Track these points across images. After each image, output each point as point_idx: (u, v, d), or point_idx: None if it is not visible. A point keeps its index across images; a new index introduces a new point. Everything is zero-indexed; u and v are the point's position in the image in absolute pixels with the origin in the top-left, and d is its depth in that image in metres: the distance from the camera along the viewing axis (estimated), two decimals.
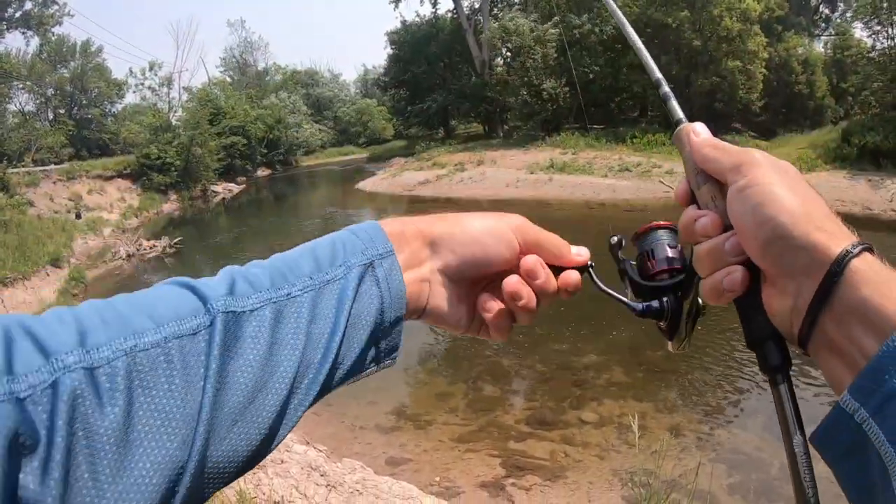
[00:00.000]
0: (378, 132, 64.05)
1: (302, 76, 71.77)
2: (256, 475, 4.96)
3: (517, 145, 35.11)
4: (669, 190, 25.49)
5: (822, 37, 49.36)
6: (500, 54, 41.37)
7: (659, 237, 0.85)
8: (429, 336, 11.66)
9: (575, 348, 10.40)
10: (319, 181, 45.51)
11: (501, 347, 10.82)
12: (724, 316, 11.65)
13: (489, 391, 9.07)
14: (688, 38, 32.14)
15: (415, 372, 10.02)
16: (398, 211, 28.73)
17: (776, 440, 7.32)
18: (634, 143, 31.78)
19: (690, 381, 9.15)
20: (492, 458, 7.09)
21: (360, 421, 8.04)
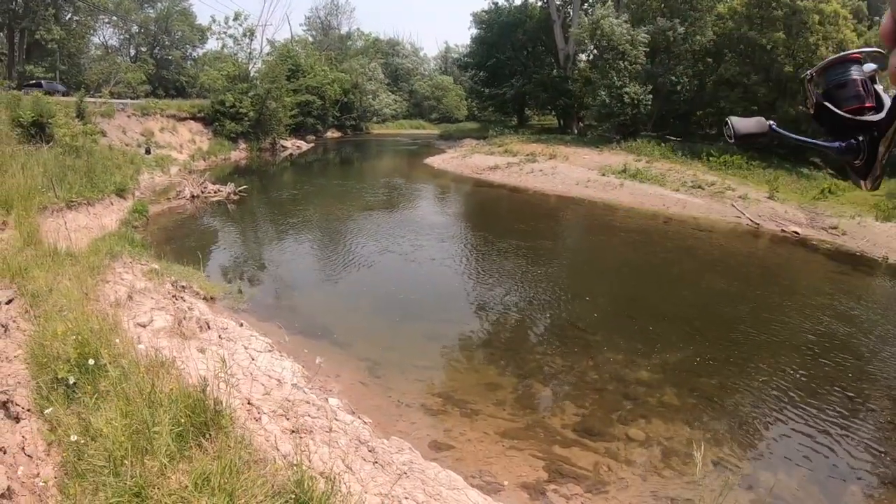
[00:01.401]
0: (451, 111, 63.97)
1: (383, 45, 71.96)
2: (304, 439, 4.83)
3: (591, 144, 34.58)
4: (741, 216, 24.77)
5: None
6: (587, 50, 40.71)
7: (850, 72, 0.83)
8: (484, 324, 11.48)
9: (629, 361, 10.03)
10: (388, 150, 45.60)
11: (556, 347, 10.54)
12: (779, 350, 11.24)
13: (538, 389, 8.77)
14: (780, 63, 31.07)
15: (466, 357, 9.76)
16: (463, 192, 28.61)
17: (818, 492, 6.91)
18: (710, 161, 31.03)
19: (738, 415, 8.75)
20: (535, 460, 6.81)
21: (406, 398, 7.83)
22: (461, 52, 63.07)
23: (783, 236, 23.24)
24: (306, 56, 49.08)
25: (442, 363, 9.36)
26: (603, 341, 10.83)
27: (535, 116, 53.85)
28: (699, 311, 13.42)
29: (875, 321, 14.02)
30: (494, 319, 11.70)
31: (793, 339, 12.13)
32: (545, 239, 19.18)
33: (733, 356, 10.83)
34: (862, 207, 25.36)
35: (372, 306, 11.67)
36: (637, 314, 12.59)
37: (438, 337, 10.29)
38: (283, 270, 13.94)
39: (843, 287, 17.45)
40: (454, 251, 16.63)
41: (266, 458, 4.10)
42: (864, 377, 10.74)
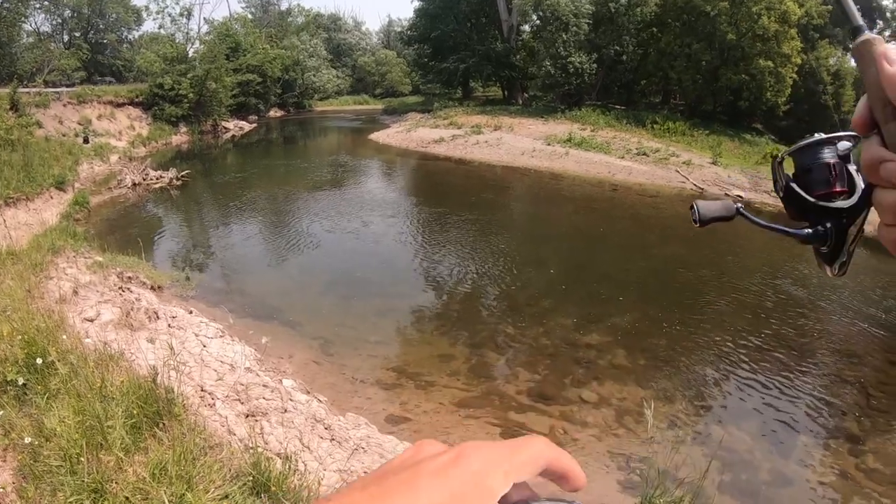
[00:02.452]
0: (395, 85, 63.53)
1: (325, 20, 70.81)
2: (259, 423, 4.87)
3: (536, 114, 34.72)
4: (685, 181, 25.31)
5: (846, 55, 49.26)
6: (530, 21, 40.73)
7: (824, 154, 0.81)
8: (434, 297, 11.57)
9: (580, 326, 10.27)
10: (332, 127, 45.06)
11: (507, 315, 10.70)
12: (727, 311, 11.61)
13: (492, 358, 8.90)
14: (723, 31, 31.61)
15: (418, 331, 9.84)
16: (409, 166, 28.57)
17: (768, 444, 7.23)
18: (655, 128, 31.56)
19: (688, 374, 9.07)
20: (492, 427, 6.95)
21: (360, 374, 7.87)
22: (404, 26, 62.40)
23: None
24: (246, 34, 47.98)
25: (395, 338, 9.43)
26: (553, 308, 11.04)
27: (479, 88, 53.79)
28: (648, 275, 13.76)
29: (819, 278, 14.59)
30: (445, 292, 11.80)
31: (740, 299, 12.56)
32: (493, 210, 19.33)
33: (682, 317, 11.15)
34: None
35: (322, 285, 11.65)
36: (587, 280, 12.85)
37: (390, 312, 10.33)
38: (230, 254, 13.76)
39: (788, 247, 18.05)
40: (402, 226, 16.65)
41: (222, 442, 4.13)
42: (809, 333, 11.21)
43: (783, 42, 31.74)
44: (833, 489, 6.58)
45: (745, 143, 32.40)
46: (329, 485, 4.26)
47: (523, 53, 40.66)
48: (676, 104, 38.83)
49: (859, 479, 6.73)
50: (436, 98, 45.24)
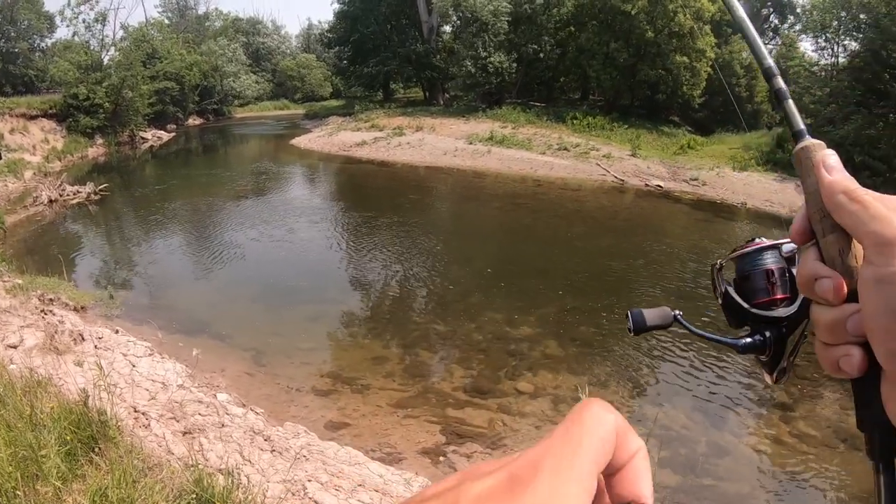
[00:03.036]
0: (316, 89, 62.83)
1: (243, 24, 69.22)
2: (197, 439, 4.83)
3: (457, 114, 34.91)
4: (606, 173, 25.99)
5: (768, 45, 51.04)
6: (450, 22, 40.91)
7: (764, 260, 0.79)
8: (364, 300, 11.59)
9: (510, 319, 10.49)
10: (253, 134, 44.21)
11: (438, 313, 10.82)
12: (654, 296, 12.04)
13: (425, 357, 9.04)
14: (641, 29, 32.55)
15: (350, 335, 9.85)
16: (332, 170, 28.38)
17: (703, 418, 7.60)
18: (575, 124, 32.23)
19: (620, 358, 9.39)
20: (431, 425, 7.06)
21: (295, 383, 7.85)
22: (324, 29, 61.68)
23: (647, 190, 24.63)
24: (163, 40, 46.53)
25: (327, 343, 9.43)
26: (483, 303, 11.24)
27: (400, 90, 53.65)
28: (574, 266, 14.11)
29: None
30: (375, 295, 11.88)
31: (665, 282, 13.06)
32: (418, 211, 19.46)
33: (610, 303, 11.52)
34: (720, 160, 27.26)
35: (250, 295, 11.49)
36: (514, 274, 13.11)
37: (321, 318, 10.31)
38: (154, 270, 13.37)
39: (708, 232, 18.83)
40: (328, 231, 16.57)
41: (161, 462, 4.08)
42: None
43: (698, 38, 32.97)
44: (768, 455, 6.96)
45: (663, 134, 33.44)
46: (274, 496, 4.28)
47: (444, 54, 40.86)
48: (595, 100, 39.71)
49: (792, 444, 7.14)
50: (357, 101, 44.86)
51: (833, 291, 0.59)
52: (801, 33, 37.23)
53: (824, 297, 0.60)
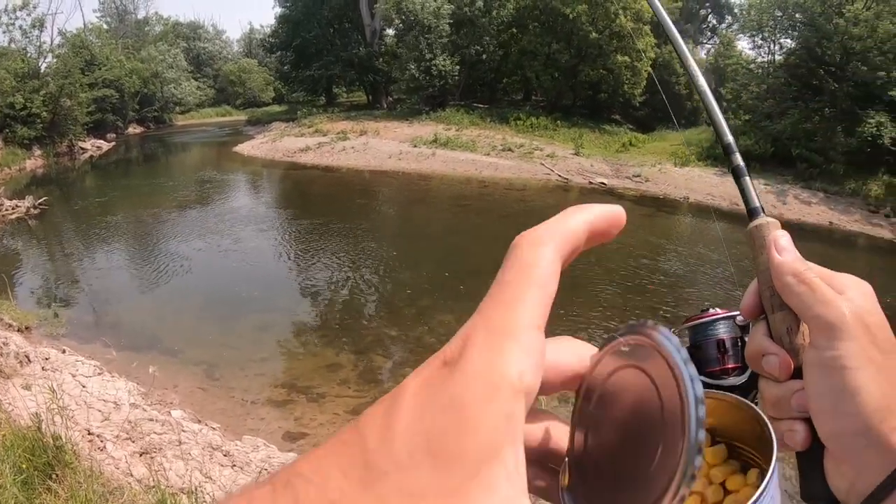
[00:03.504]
0: (258, 94, 61.90)
1: (184, 29, 67.50)
2: (156, 459, 4.78)
3: (401, 118, 34.86)
4: (550, 172, 26.36)
5: (706, 44, 52.91)
6: (393, 25, 40.81)
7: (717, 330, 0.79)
8: (316, 307, 11.51)
9: (460, 320, 10.15)
10: (195, 142, 43.25)
11: (390, 318, 10.85)
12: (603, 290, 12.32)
13: (379, 362, 9.06)
14: (584, 31, 33.10)
15: (303, 343, 9.80)
16: (276, 177, 28.03)
17: None
18: (518, 124, 32.60)
19: None
20: None
21: (250, 395, 7.76)
22: (266, 33, 60.74)
23: (591, 188, 25.10)
24: (101, 46, 45.21)
25: (280, 353, 9.34)
26: (434, 305, 11.34)
27: (344, 94, 53.26)
28: None
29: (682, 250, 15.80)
30: (325, 301, 11.82)
31: (610, 275, 13.35)
32: (364, 215, 19.38)
33: (558, 299, 11.62)
34: (662, 156, 27.91)
35: (199, 307, 11.29)
36: (463, 275, 13.16)
37: (272, 327, 10.19)
38: (99, 285, 12.95)
39: (653, 226, 19.32)
40: (276, 239, 16.42)
41: (122, 486, 4.04)
42: (679, 300, 12.18)
43: (638, 38, 33.63)
44: None
45: (606, 133, 34.07)
46: None
47: (387, 57, 40.75)
48: (538, 100, 40.17)
49: None
50: (300, 106, 44.08)
51: (779, 368, 0.61)
52: (739, 32, 38.38)
53: (770, 373, 0.62)
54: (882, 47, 25.90)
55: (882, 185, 25.37)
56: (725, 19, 53.84)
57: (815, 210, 24.00)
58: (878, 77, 26.07)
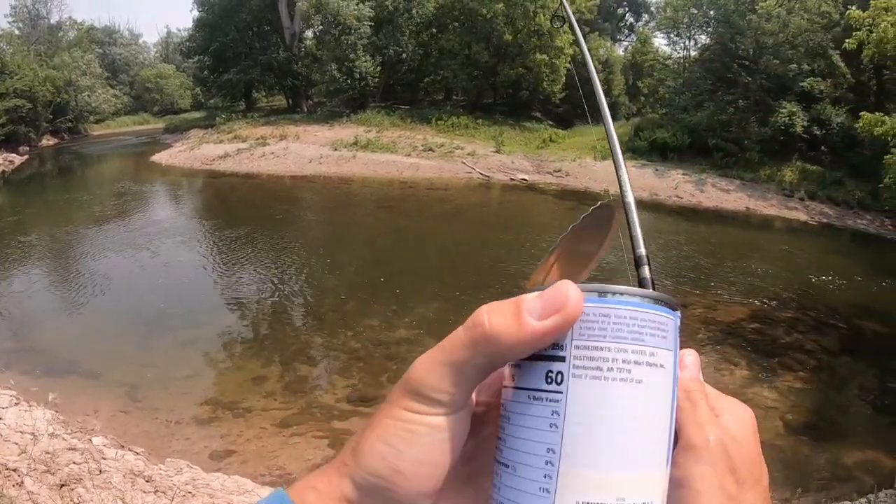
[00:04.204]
0: (175, 101, 60.10)
1: (99, 34, 64.73)
2: (75, 490, 4.66)
3: (321, 121, 34.50)
4: (472, 171, 26.64)
5: (624, 41, 54.45)
6: (313, 27, 40.28)
7: None
8: (238, 318, 11.22)
9: (387, 324, 10.61)
10: (112, 153, 41.57)
11: (314, 325, 10.82)
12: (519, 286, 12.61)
13: (305, 371, 8.98)
14: (500, 30, 33.51)
15: (226, 356, 9.57)
16: (196, 186, 27.29)
17: None
18: (439, 124, 32.80)
19: None
20: (318, 440, 7.06)
21: (174, 415, 7.55)
22: (183, 37, 58.83)
23: (513, 184, 25.52)
24: (13, 53, 43.07)
25: (204, 369, 9.09)
26: (359, 310, 11.32)
27: (263, 98, 52.27)
28: (447, 264, 14.46)
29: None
30: (248, 312, 11.56)
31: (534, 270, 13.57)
32: (286, 222, 19.12)
33: (484, 297, 11.69)
34: (581, 151, 28.56)
35: (119, 327, 10.79)
36: (387, 277, 13.25)
37: (195, 342, 9.88)
38: (14, 309, 12.22)
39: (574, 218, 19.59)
40: (196, 251, 15.91)
41: None
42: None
43: (556, 36, 34.29)
44: None
45: (526, 130, 34.64)
46: None
47: (307, 60, 40.26)
48: (459, 100, 40.52)
49: None
50: (219, 112, 42.96)
51: None
52: (656, 30, 39.78)
53: None
54: (793, 41, 27.29)
55: (795, 170, 26.79)
56: (642, 17, 55.58)
57: (733, 197, 25.08)
58: (789, 69, 27.52)
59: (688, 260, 16.44)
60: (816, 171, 27.02)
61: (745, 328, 11.58)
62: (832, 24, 27.58)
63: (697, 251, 17.45)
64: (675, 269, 15.14)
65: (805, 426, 8.35)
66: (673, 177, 26.22)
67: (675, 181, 25.93)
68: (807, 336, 11.61)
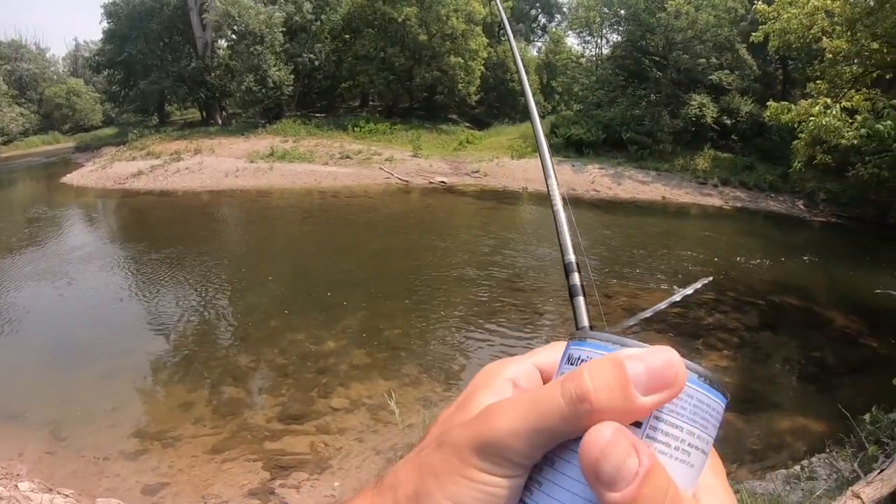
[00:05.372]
0: (86, 118, 57.39)
1: (4, 49, 61.08)
2: None
3: (236, 133, 33.77)
4: (391, 176, 26.68)
5: (537, 42, 55.34)
6: (225, 36, 39.34)
7: None
8: (161, 344, 10.74)
9: (313, 337, 10.46)
10: (20, 176, 38.90)
11: (239, 344, 10.51)
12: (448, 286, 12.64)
13: (232, 393, 8.70)
14: (414, 33, 33.59)
15: (151, 384, 9.18)
16: (110, 207, 25.74)
17: None
18: (356, 131, 32.75)
19: (427, 354, 9.86)
20: (252, 463, 6.91)
21: (102, 451, 7.17)
22: (92, 50, 56.06)
23: (432, 187, 25.72)
24: None
25: (130, 399, 8.66)
26: (284, 325, 11.13)
27: (176, 112, 50.57)
28: (370, 272, 14.45)
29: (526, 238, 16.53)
30: (172, 336, 11.10)
31: (460, 272, 13.82)
32: (205, 239, 18.53)
33: (411, 303, 11.96)
34: (499, 151, 28.98)
35: (37, 361, 10.14)
36: (311, 290, 13.11)
37: (119, 372, 9.40)
38: None
39: (494, 217, 20.03)
40: (114, 276, 15.09)
41: None
42: (524, 286, 12.79)
43: (470, 39, 34.63)
44: None
45: (443, 133, 34.93)
46: None
47: (220, 71, 39.26)
48: (375, 105, 40.47)
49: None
50: (131, 128, 41.25)
51: None
52: (568, 29, 40.56)
53: None
54: (702, 37, 28.55)
55: (708, 158, 28.08)
56: (555, 18, 56.65)
57: (649, 187, 26.01)
58: (698, 63, 28.80)
59: (609, 251, 16.98)
60: (728, 159, 28.34)
61: (668, 313, 12.05)
62: (739, 19, 29.03)
63: (617, 242, 18.04)
64: (597, 261, 15.62)
65: (735, 401, 8.64)
66: (590, 171, 26.96)
67: (593, 175, 26.67)
68: (729, 315, 12.20)
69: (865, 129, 11.11)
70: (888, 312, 12.22)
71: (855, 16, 12.68)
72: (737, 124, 29.24)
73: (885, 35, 12.34)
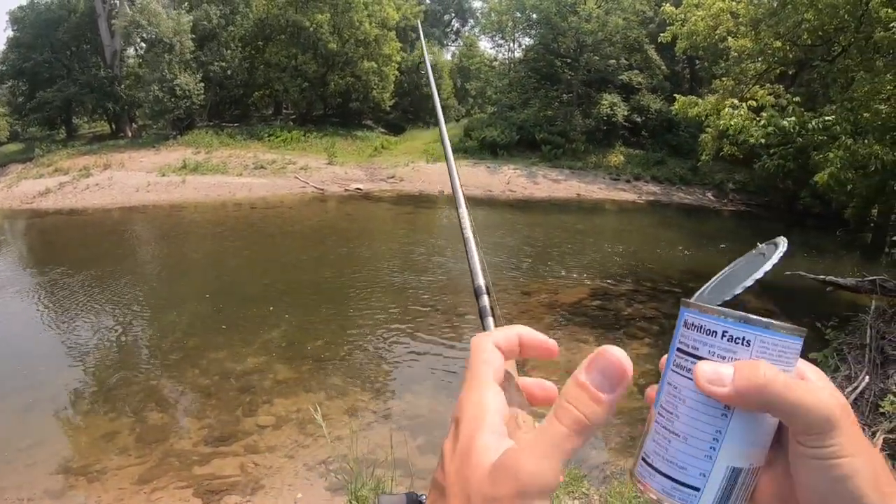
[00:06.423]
0: None
1: None
2: None
3: (148, 145, 32.27)
4: (306, 185, 26.40)
5: (451, 46, 55.69)
6: (134, 44, 37.83)
7: None
8: (77, 372, 10.15)
9: (233, 355, 10.12)
10: None
11: (157, 368, 10.06)
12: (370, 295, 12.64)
13: (156, 419, 8.33)
14: (325, 40, 33.26)
15: (68, 417, 8.65)
16: (17, 230, 23.85)
17: (446, 398, 8.20)
18: (270, 140, 32.12)
19: (352, 364, 9.77)
20: (182, 490, 6.70)
21: (23, 492, 6.75)
22: None
23: (348, 195, 25.60)
24: None
25: (48, 433, 8.15)
26: (203, 344, 10.74)
27: (85, 125, 48.01)
28: (290, 284, 14.21)
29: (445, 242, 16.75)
30: (88, 363, 10.51)
31: (379, 279, 13.84)
32: (117, 259, 17.60)
33: (331, 314, 11.88)
34: (414, 155, 29.00)
35: None
36: (229, 306, 12.73)
37: (34, 406, 8.80)
38: None
39: (412, 222, 20.10)
40: (25, 303, 14.02)
41: None
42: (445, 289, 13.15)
43: (384, 44, 34.52)
44: None
45: (358, 139, 34.74)
46: None
47: (129, 80, 37.69)
48: (289, 113, 39.74)
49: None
50: (38, 143, 39.07)
51: None
52: (481, 34, 41.03)
53: None
54: (612, 38, 29.56)
55: (620, 155, 29.08)
56: (468, 22, 57.07)
57: (564, 185, 26.71)
58: (609, 64, 29.83)
59: (527, 249, 17.35)
60: (640, 155, 29.50)
61: (588, 306, 12.44)
62: (647, 21, 30.14)
63: (535, 240, 18.46)
64: (515, 261, 15.91)
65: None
66: (505, 172, 27.50)
67: (508, 176, 27.22)
68: (647, 305, 12.73)
69: (772, 127, 11.84)
70: (800, 291, 12.77)
71: (759, 16, 13.62)
72: (647, 122, 30.47)
73: (787, 34, 13.23)
